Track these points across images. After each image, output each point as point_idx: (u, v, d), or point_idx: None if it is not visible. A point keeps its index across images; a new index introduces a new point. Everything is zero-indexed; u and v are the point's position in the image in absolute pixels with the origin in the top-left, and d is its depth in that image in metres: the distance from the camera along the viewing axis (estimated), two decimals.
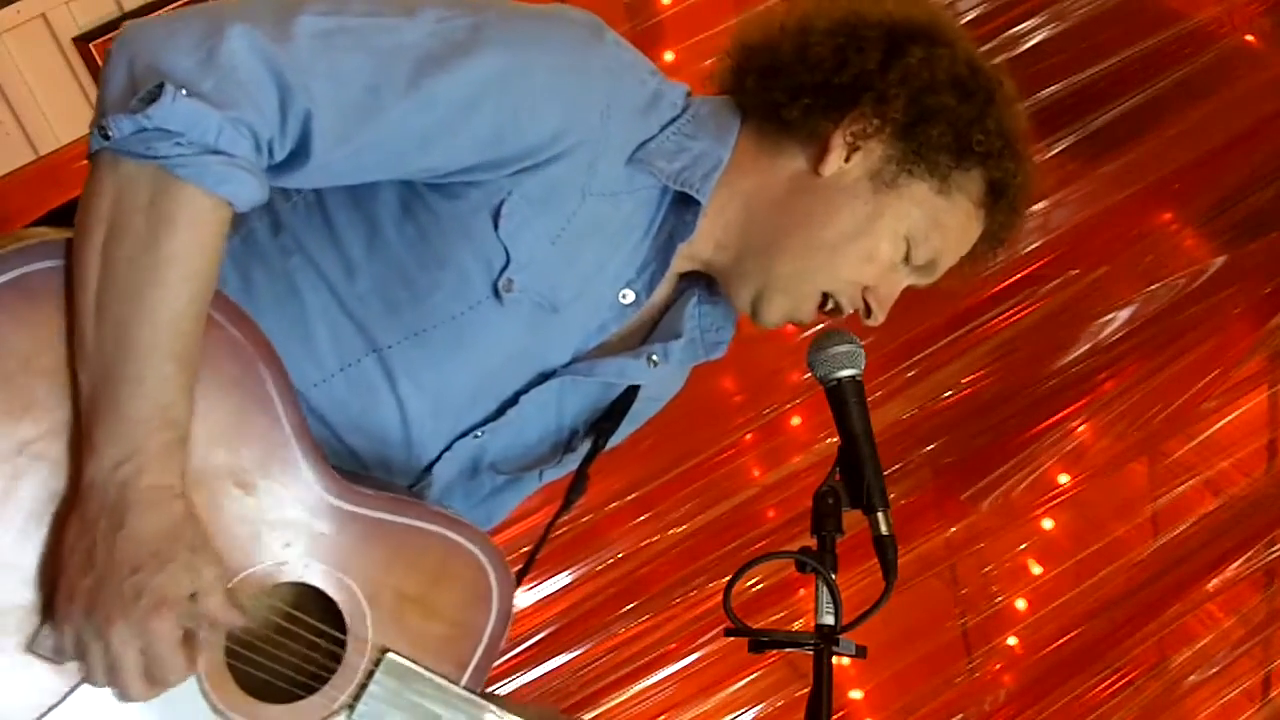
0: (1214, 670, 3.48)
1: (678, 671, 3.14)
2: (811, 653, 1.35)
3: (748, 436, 3.25)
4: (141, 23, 1.20)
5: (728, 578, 1.39)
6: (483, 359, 1.42)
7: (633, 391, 1.57)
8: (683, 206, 1.42)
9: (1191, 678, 3.47)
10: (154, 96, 1.13)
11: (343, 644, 1.33)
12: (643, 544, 3.13)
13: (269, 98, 1.17)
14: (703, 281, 1.53)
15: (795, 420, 3.24)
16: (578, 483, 1.62)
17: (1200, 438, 3.42)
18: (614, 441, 1.62)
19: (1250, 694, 3.61)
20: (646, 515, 3.12)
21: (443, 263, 1.35)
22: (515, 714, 1.43)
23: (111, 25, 5.02)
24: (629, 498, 3.08)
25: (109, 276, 1.15)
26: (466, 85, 1.25)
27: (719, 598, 1.40)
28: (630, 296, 1.46)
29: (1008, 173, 1.44)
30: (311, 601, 1.33)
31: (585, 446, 1.58)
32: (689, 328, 1.53)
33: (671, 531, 3.15)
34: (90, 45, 5.03)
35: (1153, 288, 3.34)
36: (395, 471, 1.45)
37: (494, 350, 1.42)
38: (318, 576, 1.31)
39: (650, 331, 1.54)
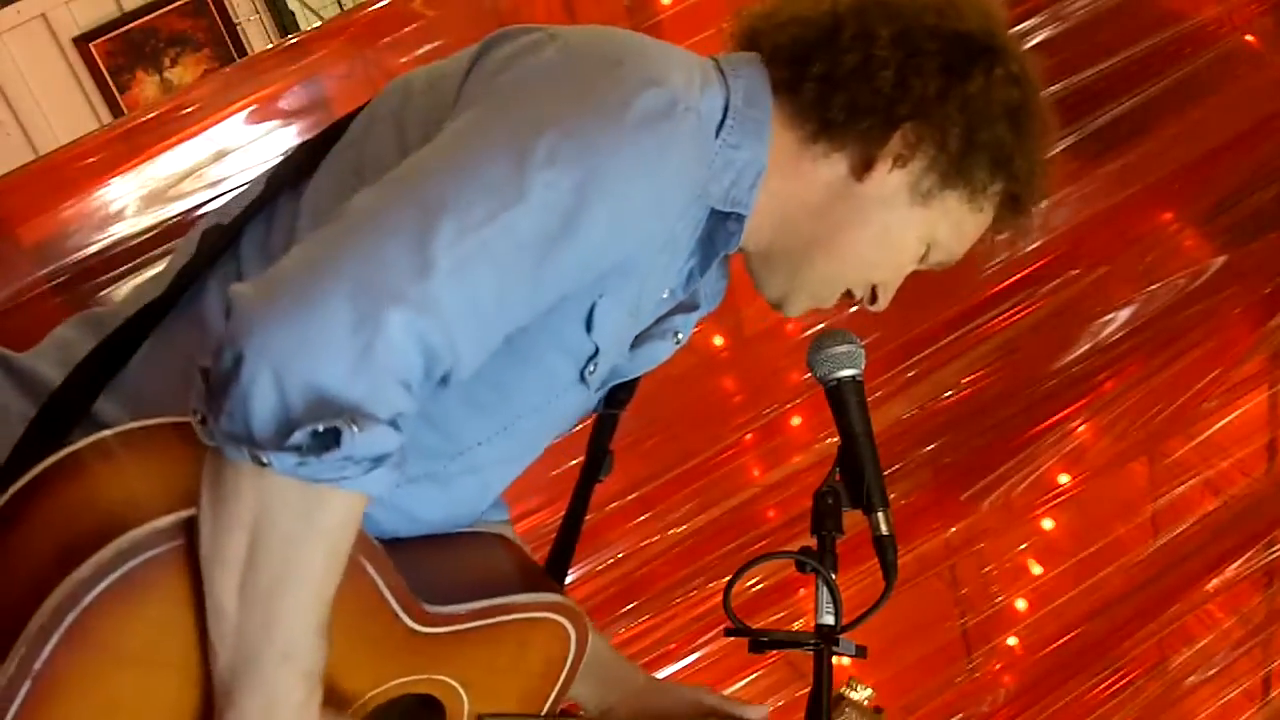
0: (1214, 670, 3.46)
1: (678, 671, 3.13)
2: (811, 653, 1.35)
3: (748, 436, 3.25)
4: (273, 312, 1.05)
5: (728, 578, 1.40)
6: (559, 421, 1.50)
7: None
8: (726, 216, 1.40)
9: (1191, 678, 3.46)
10: (327, 443, 1.04)
11: None
12: (643, 544, 3.13)
13: (417, 375, 1.11)
14: None
15: (795, 420, 3.23)
16: (603, 462, 1.68)
17: (1200, 438, 3.41)
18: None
19: (1250, 694, 3.61)
20: (646, 515, 3.12)
21: (530, 362, 1.35)
22: None
23: (111, 25, 5.04)
24: (629, 498, 3.07)
25: (255, 571, 1.10)
26: (577, 256, 1.21)
27: (719, 598, 1.40)
28: (667, 293, 1.47)
29: (1035, 190, 1.47)
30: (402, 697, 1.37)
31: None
32: (702, 296, 1.55)
33: (671, 531, 3.14)
34: (90, 45, 5.04)
35: (1153, 288, 3.33)
36: (462, 521, 1.50)
37: (570, 414, 1.50)
38: (417, 685, 1.35)
39: None
